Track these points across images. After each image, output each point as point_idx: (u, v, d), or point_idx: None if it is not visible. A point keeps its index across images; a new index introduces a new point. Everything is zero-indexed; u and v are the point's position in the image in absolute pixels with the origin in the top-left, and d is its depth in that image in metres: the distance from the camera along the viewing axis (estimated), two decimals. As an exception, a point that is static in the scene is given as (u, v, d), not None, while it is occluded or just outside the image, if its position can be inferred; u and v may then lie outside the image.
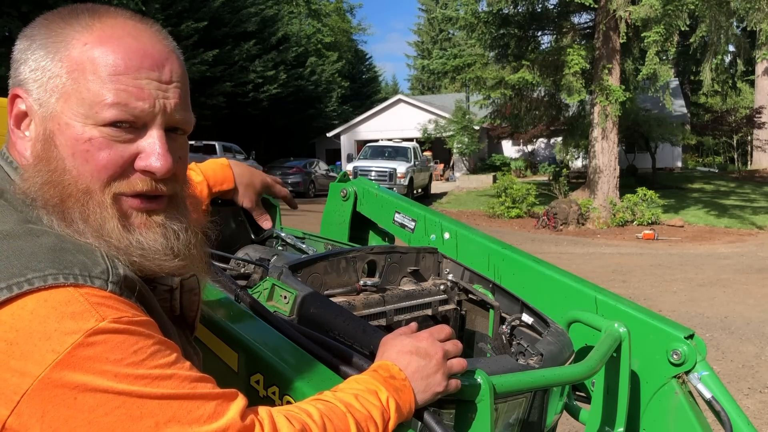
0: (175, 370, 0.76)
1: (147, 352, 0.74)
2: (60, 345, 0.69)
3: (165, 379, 0.74)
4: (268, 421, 0.81)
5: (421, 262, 1.88)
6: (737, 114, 32.06)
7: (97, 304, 0.73)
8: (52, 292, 0.72)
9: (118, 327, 0.72)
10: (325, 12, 48.22)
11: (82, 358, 0.70)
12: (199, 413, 0.75)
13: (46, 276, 0.72)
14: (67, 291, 0.72)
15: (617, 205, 18.11)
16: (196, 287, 0.94)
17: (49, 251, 0.75)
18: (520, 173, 30.60)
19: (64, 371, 0.69)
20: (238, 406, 0.79)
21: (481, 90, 20.59)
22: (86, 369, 0.69)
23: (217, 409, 0.77)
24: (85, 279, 0.74)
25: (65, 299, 0.72)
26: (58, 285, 0.72)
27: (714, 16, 16.15)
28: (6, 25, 16.74)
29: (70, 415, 0.69)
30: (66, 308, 0.71)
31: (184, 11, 25.66)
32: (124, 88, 0.82)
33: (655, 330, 1.68)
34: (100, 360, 0.70)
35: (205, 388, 0.78)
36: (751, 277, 9.97)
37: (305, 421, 0.85)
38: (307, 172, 25.03)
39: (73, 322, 0.70)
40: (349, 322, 1.27)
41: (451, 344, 1.07)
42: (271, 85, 31.53)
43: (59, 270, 0.73)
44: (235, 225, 1.99)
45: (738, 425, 1.56)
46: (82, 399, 0.69)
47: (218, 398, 0.78)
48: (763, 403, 4.67)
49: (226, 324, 1.19)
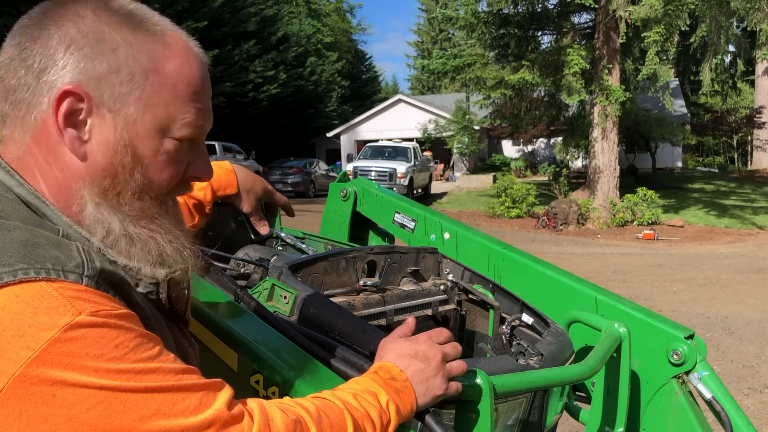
0: (158, 363, 0.74)
1: (129, 346, 0.71)
2: (35, 342, 0.66)
3: (148, 373, 0.72)
4: (259, 410, 0.81)
5: (421, 262, 1.88)
6: (737, 114, 32.05)
7: (73, 297, 0.70)
8: (24, 287, 0.69)
9: (97, 321, 0.70)
10: (325, 12, 48.24)
11: (60, 354, 0.67)
12: (185, 405, 0.73)
13: (16, 271, 0.69)
14: (39, 285, 0.69)
15: (617, 205, 18.11)
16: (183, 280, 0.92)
17: (20, 246, 0.72)
18: (520, 173, 30.60)
19: (41, 368, 0.66)
20: (224, 396, 0.78)
21: (481, 90, 20.59)
22: (64, 365, 0.67)
23: (203, 400, 0.75)
24: (58, 273, 0.71)
25: (38, 294, 0.69)
26: (29, 279, 0.69)
27: (714, 16, 16.15)
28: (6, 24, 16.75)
29: (49, 413, 0.66)
30: (39, 303, 0.68)
31: (184, 11, 25.68)
32: (201, 107, 0.86)
33: (655, 330, 1.68)
34: (80, 356, 0.68)
35: (190, 379, 0.76)
36: (752, 277, 9.98)
37: (300, 413, 0.84)
38: (307, 172, 25.02)
39: (47, 317, 0.68)
40: (349, 323, 1.27)
41: (450, 347, 1.06)
42: (271, 85, 31.53)
43: (30, 264, 0.70)
44: (235, 225, 1.99)
45: (738, 425, 1.56)
46: (61, 395, 0.67)
47: (203, 389, 0.77)
48: (763, 403, 4.67)
49: (226, 324, 1.19)
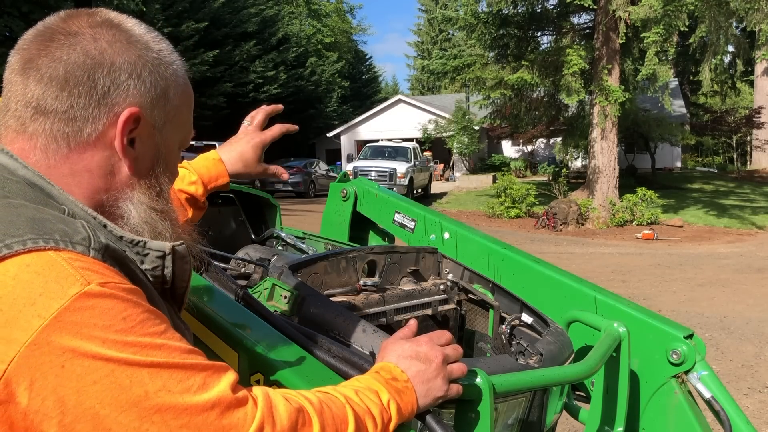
0: (164, 340, 0.74)
1: (136, 320, 0.72)
2: (45, 310, 0.67)
3: (155, 348, 0.72)
4: (263, 397, 0.81)
5: (421, 262, 1.88)
6: (736, 114, 32.02)
7: (81, 268, 0.71)
8: (33, 256, 0.70)
9: (105, 291, 0.70)
10: (325, 12, 48.23)
11: (69, 323, 0.68)
12: (190, 383, 0.73)
13: (25, 240, 0.70)
14: (48, 255, 0.70)
15: (617, 205, 18.11)
16: (187, 255, 0.92)
17: (28, 220, 0.73)
18: (520, 173, 30.61)
19: (52, 336, 0.67)
20: (229, 379, 0.78)
21: (481, 90, 20.58)
22: (74, 333, 0.67)
23: (207, 380, 0.75)
24: (66, 244, 0.72)
25: (48, 263, 0.70)
26: (38, 248, 0.70)
27: (713, 16, 16.15)
28: (7, 24, 16.72)
29: (58, 384, 0.67)
30: (49, 272, 0.69)
31: (184, 12, 25.68)
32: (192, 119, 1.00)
33: (654, 330, 1.68)
34: (88, 325, 0.68)
35: (195, 359, 0.76)
36: (751, 277, 9.98)
37: (302, 403, 0.85)
38: (308, 172, 24.99)
39: (57, 286, 0.69)
40: (349, 322, 1.27)
41: (451, 349, 1.06)
42: (272, 86, 31.55)
43: (38, 235, 0.71)
44: (235, 225, 2.00)
45: (737, 425, 1.56)
46: (69, 366, 0.67)
47: (209, 369, 0.77)
48: (762, 403, 4.68)
49: (226, 323, 1.19)
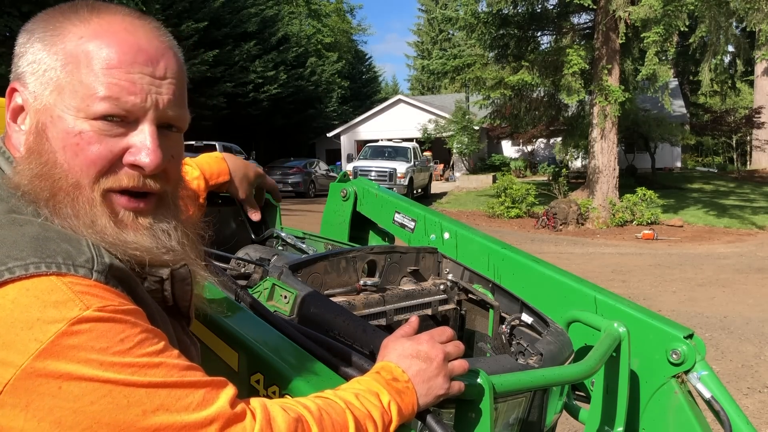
0: (162, 359, 0.74)
1: (134, 341, 0.72)
2: (43, 334, 0.68)
3: (152, 368, 0.73)
4: (261, 409, 0.81)
5: (421, 262, 1.88)
6: (736, 114, 32.04)
7: (81, 292, 0.72)
8: (34, 281, 0.70)
9: (103, 315, 0.71)
10: (325, 12, 48.21)
11: (66, 347, 0.68)
12: (188, 401, 0.74)
13: (27, 265, 0.71)
14: (49, 280, 0.71)
15: (617, 205, 18.11)
16: (188, 277, 0.92)
17: (32, 240, 0.74)
18: (520, 173, 30.60)
19: (48, 360, 0.67)
20: (228, 394, 0.78)
21: (481, 90, 20.58)
22: (70, 358, 0.68)
23: (206, 397, 0.76)
24: (69, 267, 0.73)
25: (48, 288, 0.70)
26: (40, 274, 0.71)
27: (713, 16, 16.14)
28: (7, 24, 16.72)
29: (54, 405, 0.67)
30: (48, 297, 0.70)
31: (184, 11, 25.66)
32: (116, 81, 0.81)
33: (654, 330, 1.68)
34: (85, 349, 0.69)
35: (194, 376, 0.77)
36: (751, 277, 9.98)
37: (301, 413, 0.84)
38: (307, 172, 25.01)
39: (56, 311, 0.69)
40: (349, 322, 1.27)
41: (452, 346, 1.06)
42: (271, 86, 31.53)
43: (41, 259, 0.72)
44: (235, 225, 2.00)
45: (737, 425, 1.56)
46: (66, 388, 0.68)
47: (207, 386, 0.77)
48: (762, 403, 4.68)
49: (226, 324, 1.19)
